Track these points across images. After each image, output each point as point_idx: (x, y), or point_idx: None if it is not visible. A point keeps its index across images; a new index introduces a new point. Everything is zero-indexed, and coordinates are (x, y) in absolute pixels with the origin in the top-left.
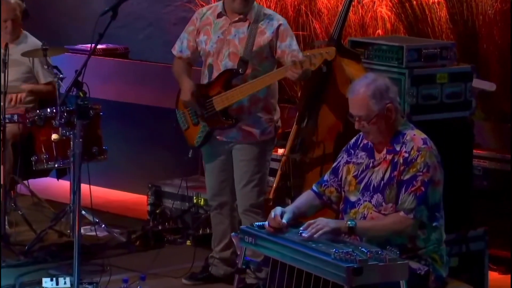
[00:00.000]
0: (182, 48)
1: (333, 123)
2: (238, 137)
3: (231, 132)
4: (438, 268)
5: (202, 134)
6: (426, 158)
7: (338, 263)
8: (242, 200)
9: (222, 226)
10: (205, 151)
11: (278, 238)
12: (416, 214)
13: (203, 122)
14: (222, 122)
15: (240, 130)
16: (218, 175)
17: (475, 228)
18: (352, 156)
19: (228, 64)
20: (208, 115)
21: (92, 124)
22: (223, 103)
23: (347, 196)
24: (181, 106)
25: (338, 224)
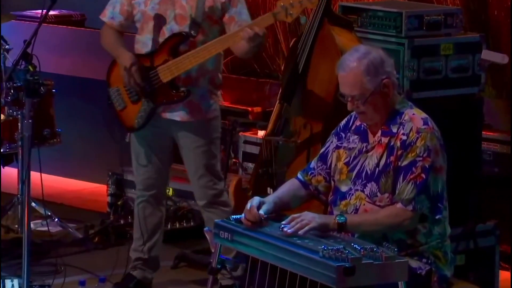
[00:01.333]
0: (113, 14)
1: (321, 102)
2: (185, 113)
3: (178, 108)
4: (442, 267)
5: (144, 113)
6: (426, 140)
7: (327, 262)
8: (202, 193)
9: (154, 218)
10: (143, 133)
11: (258, 234)
12: (415, 206)
13: (145, 99)
14: (172, 95)
15: (188, 105)
16: (157, 162)
17: (484, 221)
18: (343, 140)
19: (174, 28)
20: (153, 89)
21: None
22: (172, 73)
23: (337, 185)
24: (116, 83)
25: (326, 220)
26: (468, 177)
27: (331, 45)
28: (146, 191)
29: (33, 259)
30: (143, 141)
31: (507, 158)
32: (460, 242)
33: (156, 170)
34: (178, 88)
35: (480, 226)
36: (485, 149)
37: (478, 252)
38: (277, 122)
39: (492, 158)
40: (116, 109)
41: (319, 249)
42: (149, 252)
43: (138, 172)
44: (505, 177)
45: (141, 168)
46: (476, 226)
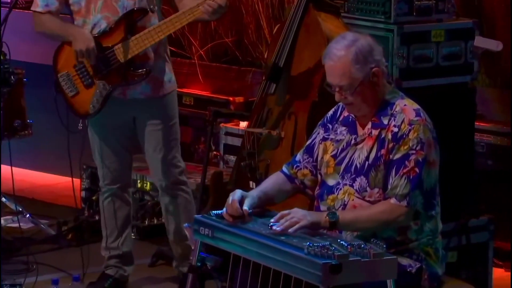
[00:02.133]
0: (47, 2)
1: (307, 91)
2: (148, 90)
3: (140, 86)
4: (433, 265)
5: (100, 97)
6: (419, 133)
7: (313, 259)
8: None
9: (123, 211)
10: (100, 121)
11: (240, 230)
12: (410, 201)
13: (100, 81)
14: (131, 75)
15: (150, 81)
16: (121, 150)
17: (478, 216)
18: (330, 132)
19: (126, 4)
20: (109, 70)
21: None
22: (131, 51)
23: (324, 179)
24: (66, 67)
25: (317, 218)
26: (461, 170)
27: (317, 32)
28: (113, 184)
29: (3, 257)
30: (102, 129)
31: (501, 150)
32: (452, 238)
33: (121, 160)
34: (137, 67)
35: (473, 221)
36: (478, 140)
37: (471, 249)
38: (260, 113)
39: (485, 150)
40: (67, 96)
41: (304, 246)
42: (121, 248)
43: (101, 164)
44: (500, 170)
45: (104, 160)
46: (468, 221)
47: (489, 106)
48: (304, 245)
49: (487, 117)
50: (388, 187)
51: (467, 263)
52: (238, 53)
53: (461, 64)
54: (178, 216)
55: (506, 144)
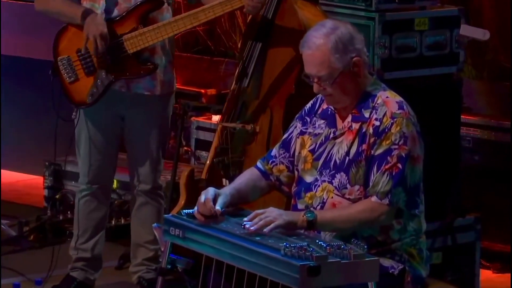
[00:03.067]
0: None
1: (283, 83)
2: (152, 86)
3: (145, 80)
4: (416, 266)
5: (101, 87)
6: (402, 127)
7: (290, 261)
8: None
9: (99, 213)
10: (94, 113)
11: (213, 230)
12: (392, 199)
13: (103, 70)
14: (138, 69)
15: (155, 77)
16: (107, 147)
17: (464, 215)
18: (308, 125)
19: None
20: (115, 60)
21: None
22: (141, 43)
23: (302, 176)
24: (67, 51)
25: (293, 217)
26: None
27: (294, 20)
28: (93, 184)
29: None
30: (94, 122)
31: (489, 145)
32: (437, 238)
33: (106, 158)
34: (144, 60)
35: (459, 221)
36: (464, 135)
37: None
38: (234, 106)
39: (472, 145)
40: (65, 82)
41: (280, 247)
42: (92, 251)
43: (84, 160)
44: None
45: (89, 156)
46: (454, 220)
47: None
48: (280, 246)
49: (474, 110)
50: (369, 184)
51: (453, 265)
52: (210, 43)
53: (446, 54)
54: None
55: (493, 138)
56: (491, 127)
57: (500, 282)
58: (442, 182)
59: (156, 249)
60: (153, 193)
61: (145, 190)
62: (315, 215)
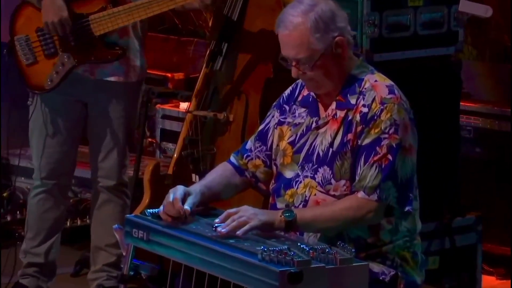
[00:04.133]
0: None
1: (259, 66)
2: (120, 72)
3: (112, 66)
4: (410, 272)
5: (61, 72)
6: (393, 113)
7: (268, 266)
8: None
9: (54, 214)
10: (52, 100)
11: (182, 232)
12: (381, 195)
13: (65, 53)
14: (104, 53)
15: (123, 62)
16: (67, 140)
17: (464, 214)
18: (287, 114)
19: None
20: (79, 43)
21: None
22: (110, 24)
23: (281, 171)
24: (25, 30)
25: (270, 217)
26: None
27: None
28: (49, 179)
29: None
30: (52, 110)
31: (492, 135)
32: (433, 240)
33: (65, 151)
34: (112, 43)
35: (458, 221)
36: (464, 124)
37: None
38: (204, 92)
39: (472, 135)
40: (21, 63)
41: (257, 251)
42: (45, 256)
43: (40, 153)
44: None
45: (45, 147)
46: (452, 220)
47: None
48: (257, 250)
49: (475, 96)
50: (356, 178)
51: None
52: (177, 21)
53: (443, 33)
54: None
55: (496, 128)
56: (494, 115)
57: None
58: (438, 177)
59: (118, 253)
60: (117, 190)
61: (108, 186)
62: (294, 214)
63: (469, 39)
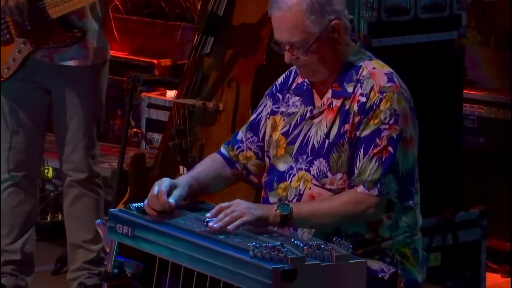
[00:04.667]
0: None
1: (251, 52)
2: (79, 56)
3: (71, 50)
4: (410, 269)
5: (18, 58)
6: (393, 103)
7: (260, 264)
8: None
9: (26, 207)
10: (12, 89)
11: (168, 227)
12: (382, 189)
13: (21, 39)
14: (63, 36)
15: (83, 46)
16: (31, 129)
17: (467, 208)
18: (280, 103)
19: None
20: (36, 27)
21: None
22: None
23: (273, 163)
24: None
25: (264, 211)
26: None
27: None
28: (17, 171)
29: None
30: (13, 98)
31: (497, 125)
32: (435, 236)
33: (31, 140)
34: (70, 26)
35: (461, 215)
36: (467, 113)
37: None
38: (193, 79)
39: (476, 125)
40: None
41: (249, 247)
42: (21, 252)
43: (6, 145)
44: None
45: (10, 140)
46: (455, 215)
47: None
48: (249, 246)
49: (479, 84)
50: (354, 172)
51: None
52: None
53: (445, 17)
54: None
55: (501, 117)
56: (499, 103)
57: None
58: (440, 170)
59: (98, 249)
60: (89, 182)
61: (79, 179)
62: (290, 208)
63: (473, 23)
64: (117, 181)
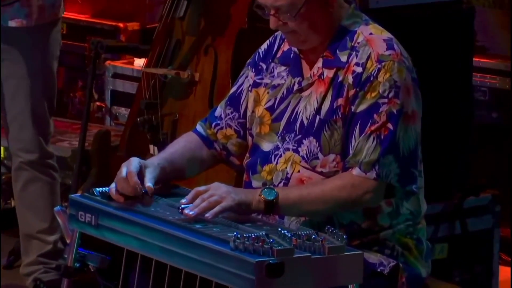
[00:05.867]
0: None
1: (231, 16)
2: (22, 16)
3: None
4: (413, 262)
5: None
6: (393, 73)
7: (242, 257)
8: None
9: None
10: None
11: (137, 215)
12: (380, 171)
13: None
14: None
15: (26, 3)
16: None
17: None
18: (264, 74)
19: None
20: None
21: None
22: None
23: (257, 142)
24: None
25: (246, 196)
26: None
27: None
28: None
29: None
30: None
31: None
32: (441, 224)
33: None
34: None
35: (471, 200)
36: (477, 84)
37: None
38: (164, 46)
39: (488, 97)
40: None
41: (229, 238)
42: None
43: None
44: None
45: None
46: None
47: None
48: (229, 237)
49: (491, 51)
50: (349, 152)
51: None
52: None
53: None
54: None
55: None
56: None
57: None
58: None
59: (55, 240)
60: (42, 164)
61: (31, 161)
62: (275, 193)
63: None
64: (78, 163)
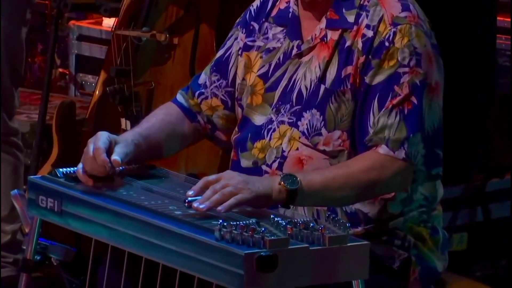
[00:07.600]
0: None
1: None
2: None
3: None
4: (428, 254)
5: None
6: (411, 38)
7: (229, 248)
8: None
9: None
10: None
11: (108, 200)
12: (409, 151)
13: None
14: None
15: None
16: None
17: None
18: (256, 36)
19: None
20: None
21: None
22: None
23: (247, 115)
24: None
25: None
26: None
27: None
28: None
29: None
30: None
31: None
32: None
33: None
34: None
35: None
36: (502, 48)
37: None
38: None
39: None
40: None
41: (213, 227)
42: None
43: None
44: None
45: None
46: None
47: None
48: (213, 225)
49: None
50: (368, 129)
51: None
52: None
53: None
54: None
55: None
56: None
57: None
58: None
59: (14, 230)
60: (5, 142)
61: None
62: (297, 180)
63: None
64: (38, 139)
